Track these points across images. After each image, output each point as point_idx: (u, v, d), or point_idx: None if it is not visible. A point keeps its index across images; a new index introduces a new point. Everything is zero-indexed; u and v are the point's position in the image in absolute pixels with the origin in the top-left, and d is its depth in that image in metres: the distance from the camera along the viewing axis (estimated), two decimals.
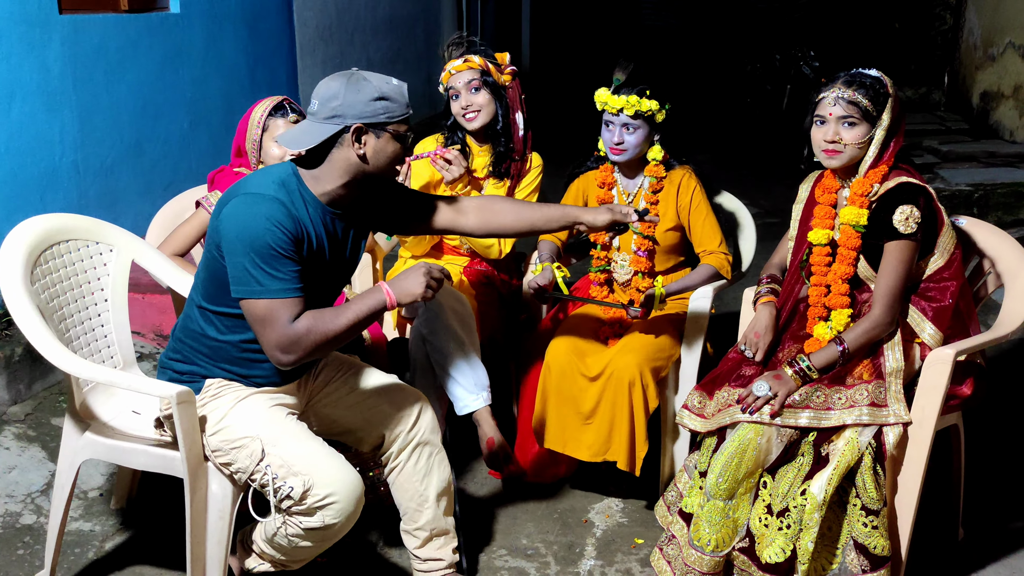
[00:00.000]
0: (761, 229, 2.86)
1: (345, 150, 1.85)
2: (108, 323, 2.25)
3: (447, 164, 2.68)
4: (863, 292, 2.17)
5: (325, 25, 5.82)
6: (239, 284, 1.81)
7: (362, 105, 1.82)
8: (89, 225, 2.24)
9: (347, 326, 1.85)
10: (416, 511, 2.14)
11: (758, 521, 2.08)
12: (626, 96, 2.42)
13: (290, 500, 1.84)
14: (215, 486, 1.96)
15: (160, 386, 1.92)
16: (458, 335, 2.55)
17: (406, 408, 2.12)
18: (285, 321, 1.79)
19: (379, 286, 1.90)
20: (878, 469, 2.03)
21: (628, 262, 2.64)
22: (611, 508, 2.60)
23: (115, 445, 2.05)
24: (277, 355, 1.82)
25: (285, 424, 1.94)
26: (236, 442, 1.90)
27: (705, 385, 2.27)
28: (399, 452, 2.12)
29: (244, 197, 1.83)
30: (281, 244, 1.79)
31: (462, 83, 2.66)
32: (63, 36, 3.43)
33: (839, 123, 2.09)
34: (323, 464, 1.87)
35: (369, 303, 1.87)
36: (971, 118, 6.51)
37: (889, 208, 2.07)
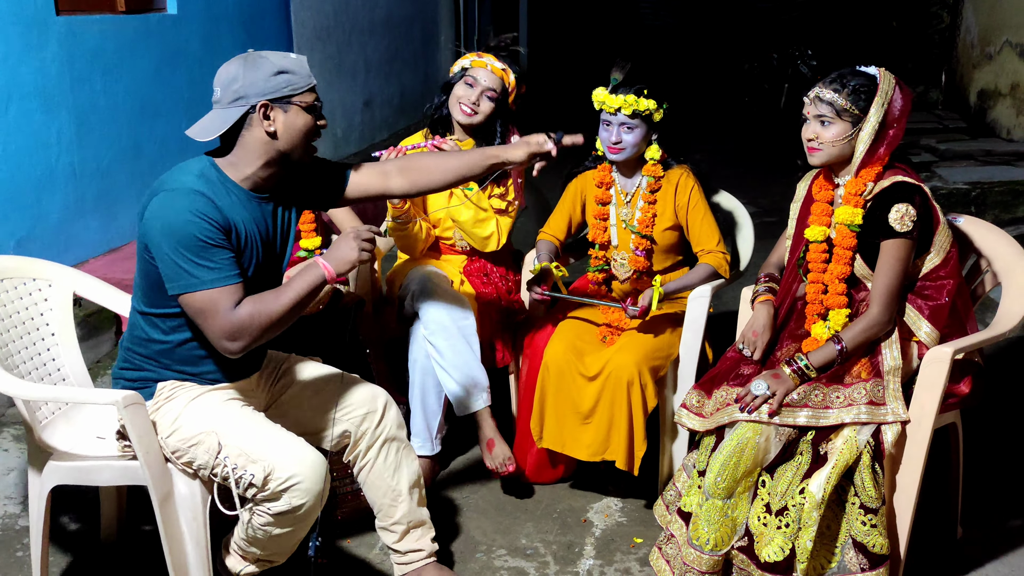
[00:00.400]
0: (759, 228, 2.86)
1: (255, 130, 1.85)
2: (59, 356, 2.25)
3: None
4: (860, 291, 2.17)
5: (322, 26, 5.82)
6: (173, 281, 1.80)
7: (263, 82, 1.82)
8: (20, 264, 2.24)
9: (290, 305, 1.85)
10: (391, 506, 2.15)
11: (757, 520, 2.08)
12: (623, 95, 2.42)
13: (254, 488, 1.84)
14: (182, 487, 1.94)
15: (104, 393, 1.91)
16: (458, 336, 2.56)
17: (371, 405, 2.13)
18: (226, 309, 1.79)
19: (315, 261, 1.90)
20: (876, 468, 2.03)
21: (627, 261, 2.64)
22: (610, 508, 2.60)
23: (77, 467, 2.02)
24: (225, 344, 1.82)
25: (239, 414, 1.94)
26: (192, 439, 1.90)
27: (703, 384, 2.27)
28: (367, 449, 2.13)
29: (164, 194, 1.81)
30: (208, 234, 1.79)
31: (484, 84, 2.64)
32: (60, 37, 3.43)
33: (816, 122, 2.10)
34: (281, 447, 1.87)
35: (308, 279, 1.87)
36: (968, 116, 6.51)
37: (884, 207, 2.07)
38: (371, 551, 2.40)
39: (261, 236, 1.93)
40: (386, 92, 6.96)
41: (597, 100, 2.48)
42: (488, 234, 2.73)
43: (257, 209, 1.93)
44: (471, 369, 2.55)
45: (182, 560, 1.97)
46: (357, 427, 2.12)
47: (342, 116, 6.21)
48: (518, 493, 2.65)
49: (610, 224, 2.65)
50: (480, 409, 2.56)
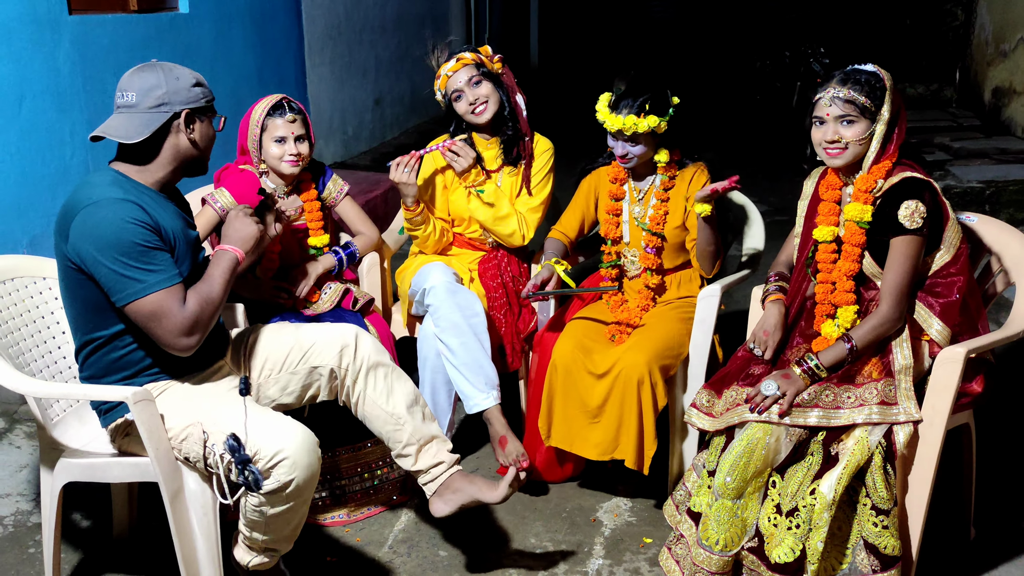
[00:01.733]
0: (770, 227, 2.85)
1: (176, 136, 1.92)
2: (70, 355, 2.25)
3: (455, 156, 2.69)
4: (869, 289, 2.16)
5: (333, 24, 5.83)
6: (119, 291, 1.82)
7: (185, 91, 1.91)
8: (32, 264, 2.26)
9: (221, 290, 1.93)
10: (395, 431, 2.16)
11: (767, 521, 2.07)
12: (624, 116, 2.41)
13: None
14: (193, 484, 1.96)
15: (114, 390, 1.92)
16: (468, 332, 2.55)
17: (343, 340, 2.16)
18: (177, 308, 1.84)
19: (220, 248, 1.98)
20: (888, 468, 2.02)
21: (638, 258, 2.63)
22: (619, 507, 2.60)
23: (88, 464, 2.04)
24: (180, 341, 1.86)
25: (220, 399, 1.97)
26: (181, 434, 1.92)
27: (714, 384, 2.26)
28: (353, 383, 2.16)
29: (88, 209, 1.83)
30: (145, 238, 1.83)
31: (463, 81, 2.67)
32: (73, 36, 3.45)
33: (838, 122, 2.08)
34: (265, 425, 1.89)
35: (225, 266, 1.96)
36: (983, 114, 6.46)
37: (894, 203, 2.06)
38: (380, 550, 2.40)
39: (183, 231, 1.98)
40: (396, 90, 6.96)
41: (600, 118, 2.47)
42: (511, 231, 2.75)
43: (169, 207, 1.97)
44: (481, 366, 2.55)
45: (192, 555, 1.98)
46: (338, 366, 2.15)
47: (353, 115, 6.22)
48: (529, 492, 2.65)
49: (622, 221, 2.64)
50: (491, 407, 2.55)
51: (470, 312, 2.57)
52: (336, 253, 2.69)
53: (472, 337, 2.54)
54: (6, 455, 2.77)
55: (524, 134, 2.77)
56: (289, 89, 5.26)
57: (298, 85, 5.38)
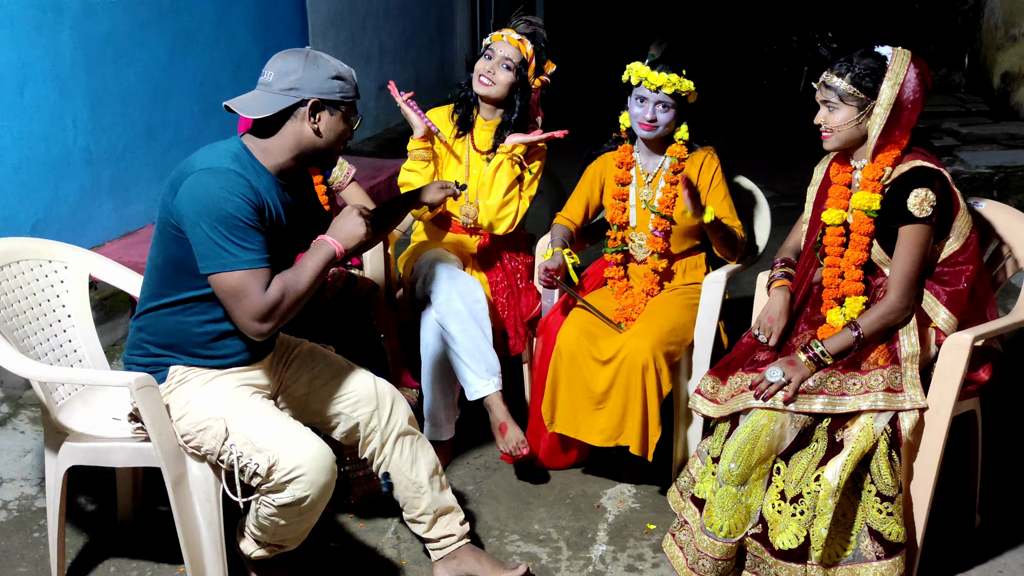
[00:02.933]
0: (777, 213, 2.83)
1: (299, 123, 1.89)
2: (76, 338, 2.26)
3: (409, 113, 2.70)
4: (877, 277, 2.14)
5: (337, 10, 5.79)
6: (208, 259, 1.81)
7: (320, 81, 1.87)
8: (37, 246, 2.25)
9: (310, 284, 1.89)
10: (415, 498, 2.15)
11: (771, 507, 2.06)
12: (666, 73, 2.39)
13: (258, 477, 1.84)
14: (196, 470, 1.95)
15: (117, 375, 1.92)
16: (470, 319, 2.54)
17: (378, 401, 2.12)
18: (259, 291, 1.82)
19: (323, 239, 1.94)
20: (893, 455, 2.01)
21: (645, 242, 2.61)
22: (623, 493, 2.59)
23: (93, 448, 2.04)
24: (254, 326, 1.83)
25: (249, 402, 1.95)
26: (201, 424, 1.90)
27: (718, 370, 2.25)
28: (382, 446, 2.13)
29: (201, 173, 1.83)
30: (247, 215, 1.81)
31: (501, 54, 2.65)
32: (73, 19, 3.43)
33: (824, 107, 2.08)
34: (287, 438, 1.87)
35: (320, 257, 1.91)
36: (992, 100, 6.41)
37: (903, 192, 2.03)
38: (383, 536, 2.40)
39: (283, 222, 1.95)
40: (401, 77, 6.92)
41: (636, 74, 2.43)
42: (506, 215, 2.70)
43: (282, 195, 1.95)
44: (482, 353, 2.54)
45: (195, 541, 1.98)
46: (366, 424, 2.12)
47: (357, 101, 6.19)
48: (533, 478, 2.64)
49: (629, 204, 2.62)
50: (492, 393, 2.54)
51: (471, 298, 2.56)
52: None
53: (473, 323, 2.53)
54: (10, 440, 2.77)
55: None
56: None
57: None
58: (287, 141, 1.91)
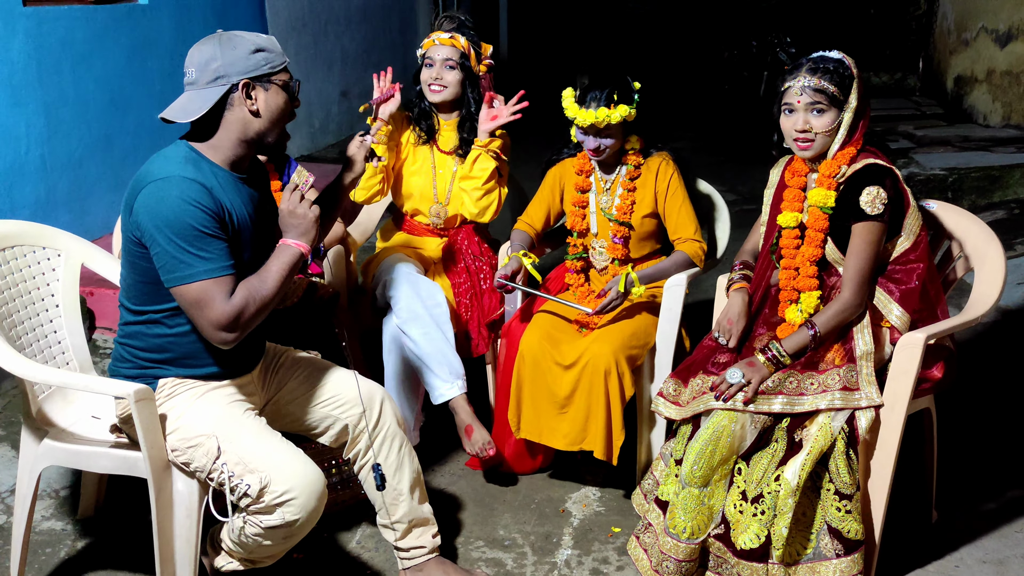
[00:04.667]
0: (738, 216, 2.86)
1: (237, 110, 1.82)
2: (61, 328, 2.22)
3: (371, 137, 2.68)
4: (831, 276, 2.17)
5: (297, 16, 5.76)
6: (168, 272, 1.77)
7: (243, 61, 1.80)
8: (34, 231, 2.20)
9: (276, 289, 1.84)
10: (392, 505, 2.13)
11: (733, 507, 2.08)
12: (595, 110, 2.40)
13: (248, 498, 1.81)
14: (180, 485, 1.93)
15: (117, 385, 1.88)
16: (431, 323, 2.54)
17: (367, 402, 2.09)
18: (222, 300, 1.77)
19: (283, 242, 1.88)
20: (851, 454, 2.04)
21: (605, 249, 2.63)
22: (588, 497, 2.60)
23: (75, 450, 2.01)
24: (218, 335, 1.79)
25: (242, 421, 1.91)
26: (192, 440, 1.87)
27: (680, 372, 2.27)
28: (367, 449, 2.10)
29: (154, 185, 1.77)
30: (203, 223, 1.76)
31: (440, 57, 2.67)
32: (27, 29, 3.37)
33: (808, 111, 2.08)
34: (280, 460, 1.84)
35: (286, 261, 1.86)
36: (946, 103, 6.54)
37: (856, 189, 2.07)
38: (348, 544, 2.38)
39: (251, 218, 1.91)
40: (364, 82, 6.89)
41: (569, 114, 2.45)
42: (489, 202, 2.71)
43: (243, 191, 1.90)
44: (445, 356, 2.54)
45: (170, 555, 1.95)
46: (355, 426, 2.09)
47: (319, 107, 6.15)
48: (498, 483, 2.64)
49: (589, 212, 2.64)
50: (456, 396, 2.54)
51: (432, 302, 2.56)
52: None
53: (434, 327, 2.53)
54: None
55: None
56: None
57: None
58: (233, 131, 1.83)
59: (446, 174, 2.78)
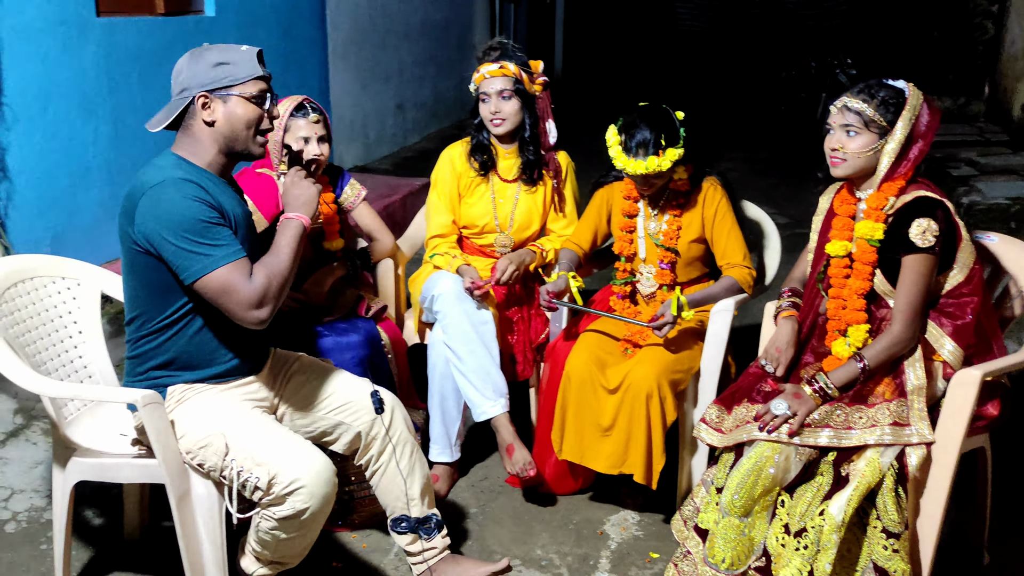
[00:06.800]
0: (790, 240, 2.82)
1: (199, 120, 1.91)
2: (86, 355, 2.28)
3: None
4: (881, 308, 2.13)
5: (358, 29, 5.86)
6: (188, 268, 1.83)
7: (203, 74, 1.88)
8: (51, 263, 2.29)
9: (291, 261, 1.91)
10: (403, 510, 2.18)
11: (775, 540, 2.04)
12: (643, 159, 2.38)
13: (259, 491, 1.85)
14: (200, 488, 1.97)
15: (125, 392, 1.94)
16: (476, 340, 2.55)
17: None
18: (244, 281, 1.83)
19: (286, 217, 1.95)
20: (900, 491, 1.99)
21: (652, 275, 2.62)
22: (627, 521, 2.58)
23: (99, 463, 2.06)
24: (253, 314, 1.84)
25: (248, 416, 1.96)
26: (202, 441, 1.91)
27: (724, 399, 2.24)
28: (379, 454, 2.15)
29: (152, 190, 1.84)
30: (207, 215, 1.84)
31: (494, 89, 2.68)
32: (99, 38, 3.50)
33: (842, 131, 2.06)
34: (286, 451, 1.88)
35: (292, 234, 1.93)
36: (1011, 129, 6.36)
37: (906, 222, 2.03)
38: (385, 557, 2.40)
39: (244, 218, 1.98)
40: (419, 96, 6.99)
41: (617, 164, 2.44)
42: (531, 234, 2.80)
43: (231, 193, 1.98)
44: (489, 374, 2.54)
45: (198, 559, 1.99)
46: (367, 432, 2.14)
47: (375, 119, 6.25)
48: (537, 502, 2.64)
49: (637, 236, 2.63)
50: (498, 415, 2.55)
51: (479, 320, 2.57)
52: (350, 259, 2.70)
53: (480, 344, 2.54)
54: (22, 451, 2.80)
55: (544, 161, 2.78)
56: (312, 93, 5.29)
57: (321, 89, 5.42)
58: (202, 139, 1.92)
59: (507, 203, 2.79)
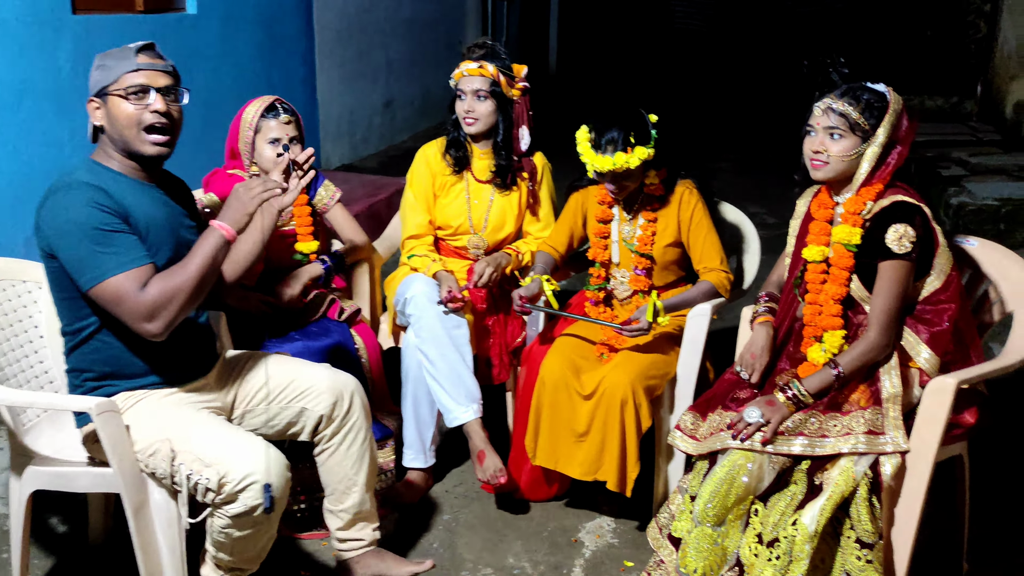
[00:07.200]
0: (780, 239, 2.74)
1: (97, 124, 1.92)
2: (46, 360, 2.24)
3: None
4: (858, 314, 2.09)
5: (344, 27, 5.81)
6: (81, 276, 1.80)
7: (93, 80, 1.90)
8: (12, 266, 2.24)
9: (198, 274, 1.83)
10: (344, 493, 2.17)
11: (748, 550, 2.00)
12: (612, 156, 2.34)
13: (211, 492, 1.81)
14: (157, 496, 1.92)
15: (78, 400, 1.90)
16: (449, 345, 2.51)
17: (338, 392, 2.13)
18: (135, 292, 1.79)
19: (212, 224, 1.89)
20: (874, 500, 1.95)
21: (627, 280, 2.58)
22: (602, 528, 2.54)
23: (56, 472, 2.01)
24: (144, 327, 1.81)
25: (194, 417, 1.93)
26: (149, 448, 1.88)
27: (699, 406, 2.20)
28: (333, 434, 2.14)
29: (50, 196, 1.84)
30: (104, 221, 1.80)
31: (470, 88, 2.64)
32: (75, 36, 3.45)
33: (825, 133, 2.02)
34: (234, 447, 1.84)
35: (209, 244, 1.86)
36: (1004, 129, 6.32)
37: (883, 227, 1.99)
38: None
39: (166, 221, 1.94)
40: (408, 93, 6.94)
41: (585, 159, 2.40)
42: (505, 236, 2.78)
43: (148, 193, 1.94)
44: (462, 379, 2.51)
45: (157, 570, 1.95)
46: (328, 416, 2.13)
47: (362, 117, 6.20)
48: (511, 509, 2.60)
49: (611, 242, 2.59)
50: (470, 420, 2.51)
51: (452, 323, 2.53)
52: (324, 261, 2.66)
53: (452, 349, 2.50)
54: None
55: (516, 166, 2.74)
56: (297, 91, 5.26)
57: (307, 87, 5.37)
58: (105, 143, 1.92)
59: (482, 204, 2.76)
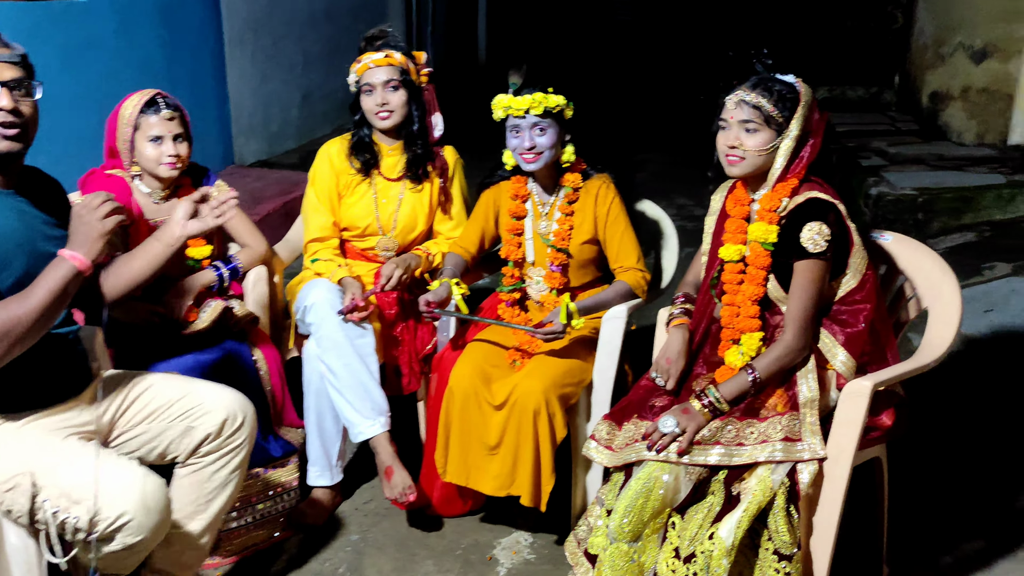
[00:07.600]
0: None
1: None
2: None
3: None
4: (775, 315, 2.02)
5: (256, 16, 5.55)
6: None
7: None
8: None
9: (40, 307, 1.64)
10: (190, 517, 1.94)
11: (665, 566, 1.91)
12: (530, 95, 2.25)
13: (80, 532, 1.64)
14: (13, 538, 1.73)
15: None
16: (352, 354, 2.36)
17: (229, 411, 1.94)
18: None
19: (60, 253, 1.69)
20: (792, 510, 1.88)
21: (543, 278, 2.46)
22: (519, 543, 2.42)
23: None
24: None
25: (60, 448, 1.73)
26: (7, 483, 1.68)
27: (614, 414, 2.10)
28: (208, 452, 1.93)
29: None
30: None
31: (379, 80, 2.50)
32: None
33: (740, 128, 1.94)
34: (108, 482, 1.66)
35: (57, 275, 1.67)
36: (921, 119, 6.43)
37: (798, 225, 1.92)
38: None
39: (17, 232, 1.73)
40: (327, 86, 6.69)
41: (501, 107, 2.30)
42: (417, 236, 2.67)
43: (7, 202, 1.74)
44: (367, 390, 2.36)
45: None
46: (217, 433, 1.93)
47: (278, 111, 5.95)
48: (424, 526, 2.47)
49: (525, 239, 2.47)
50: (377, 435, 2.36)
51: (356, 332, 2.38)
52: (217, 267, 2.47)
53: (356, 359, 2.35)
54: None
55: (432, 155, 2.61)
56: (206, 84, 4.99)
57: (216, 81, 5.11)
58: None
59: (391, 203, 2.61)
